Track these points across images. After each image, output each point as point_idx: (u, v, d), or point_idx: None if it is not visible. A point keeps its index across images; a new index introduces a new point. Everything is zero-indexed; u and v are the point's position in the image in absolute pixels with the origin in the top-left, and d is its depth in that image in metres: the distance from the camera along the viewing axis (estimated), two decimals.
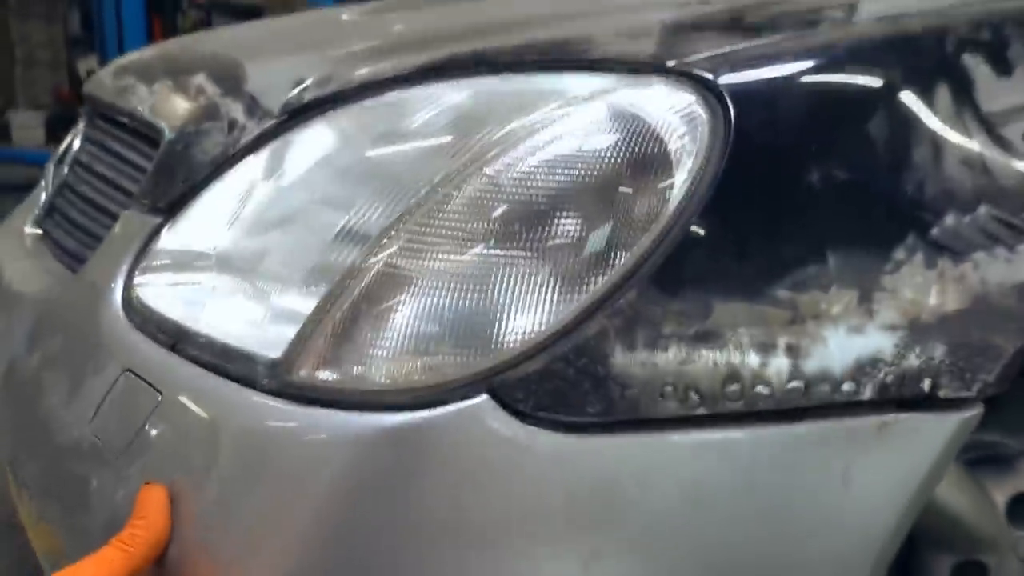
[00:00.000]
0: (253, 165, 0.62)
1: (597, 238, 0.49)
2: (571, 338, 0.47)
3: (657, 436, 0.48)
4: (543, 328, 0.48)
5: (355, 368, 0.48)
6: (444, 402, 0.47)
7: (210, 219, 0.61)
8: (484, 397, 0.46)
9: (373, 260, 0.50)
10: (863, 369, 0.51)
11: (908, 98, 0.56)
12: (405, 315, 0.49)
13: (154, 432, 0.51)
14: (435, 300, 0.49)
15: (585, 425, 0.47)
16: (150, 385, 0.53)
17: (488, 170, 0.51)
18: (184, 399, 0.52)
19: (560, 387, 0.47)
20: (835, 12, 0.64)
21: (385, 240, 0.50)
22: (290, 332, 0.50)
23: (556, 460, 0.47)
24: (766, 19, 0.65)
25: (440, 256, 0.49)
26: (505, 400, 0.47)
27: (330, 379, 0.48)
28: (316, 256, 0.53)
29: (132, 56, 1.01)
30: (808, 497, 0.51)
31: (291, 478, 0.47)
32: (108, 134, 0.85)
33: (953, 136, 0.56)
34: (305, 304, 0.51)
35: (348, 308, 0.49)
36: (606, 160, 0.50)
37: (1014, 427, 0.81)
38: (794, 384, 0.50)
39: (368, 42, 0.77)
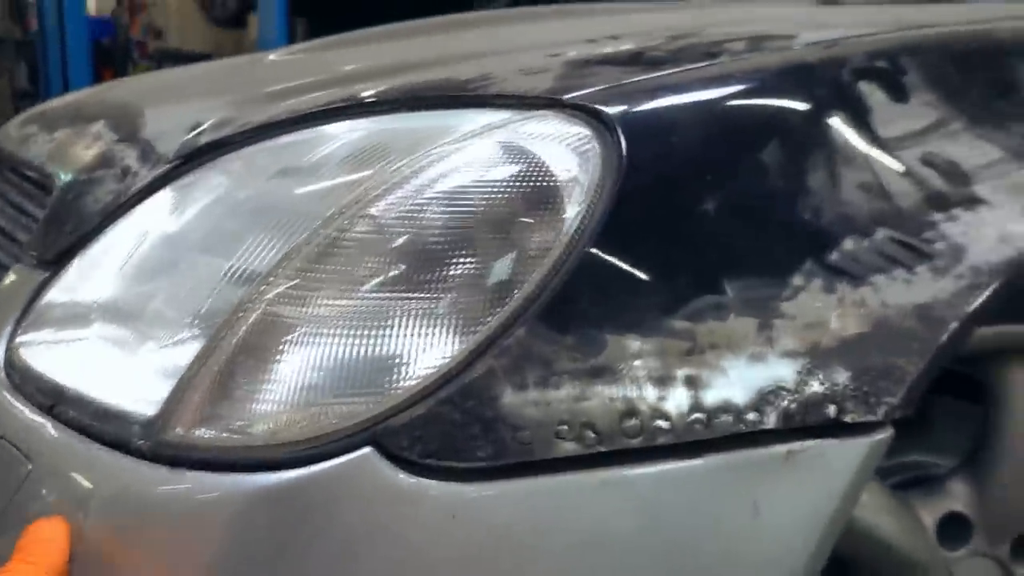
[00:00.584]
0: (143, 212, 0.60)
1: (485, 276, 0.48)
2: (458, 380, 0.45)
3: (554, 479, 0.46)
4: (429, 372, 0.46)
5: (234, 424, 0.46)
6: (326, 456, 0.44)
7: (97, 270, 0.58)
8: (368, 449, 0.44)
9: (252, 306, 0.48)
10: (766, 398, 0.50)
11: (804, 126, 0.56)
12: (286, 365, 0.46)
13: (24, 504, 0.48)
14: (317, 348, 0.47)
15: (476, 472, 0.45)
16: (21, 452, 0.49)
17: (372, 210, 0.49)
18: (55, 466, 0.49)
19: (448, 432, 0.45)
20: (736, 44, 0.64)
21: (264, 286, 0.48)
22: (168, 386, 0.48)
23: (447, 510, 0.45)
24: (666, 53, 0.65)
25: (322, 301, 0.47)
26: (390, 450, 0.44)
27: (207, 437, 0.46)
28: (200, 302, 0.50)
29: (44, 106, 0.98)
30: (717, 532, 0.49)
31: (165, 549, 0.44)
32: (11, 185, 0.82)
33: (850, 162, 0.56)
34: (184, 356, 0.49)
35: (226, 359, 0.47)
36: (494, 195, 0.49)
37: (941, 447, 0.81)
38: (695, 416, 0.48)
39: (274, 85, 0.76)
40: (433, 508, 0.45)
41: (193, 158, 0.62)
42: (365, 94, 0.62)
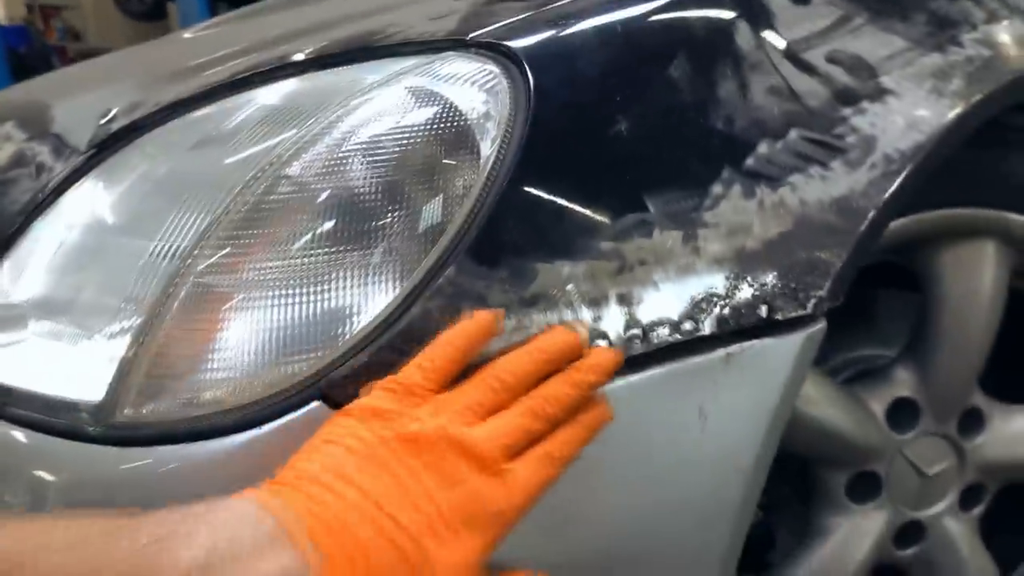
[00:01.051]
0: (64, 205, 0.59)
1: (413, 221, 0.48)
2: (396, 325, 0.46)
3: None
4: (367, 321, 0.46)
5: (181, 396, 0.46)
6: (276, 415, 0.45)
7: (25, 270, 0.58)
8: (316, 403, 0.45)
9: (182, 281, 0.48)
10: (698, 306, 0.51)
11: (708, 37, 0.57)
12: (225, 333, 0.47)
13: None
14: (254, 312, 0.47)
15: None
16: None
17: (289, 170, 0.49)
18: (17, 463, 0.49)
19: None
20: None
21: (190, 259, 0.48)
22: (111, 371, 0.48)
23: None
24: None
25: (252, 265, 0.48)
26: (339, 400, 0.45)
27: (156, 413, 0.46)
28: (129, 286, 0.50)
29: None
30: (667, 441, 0.51)
31: None
32: None
33: (757, 67, 0.57)
34: (123, 338, 0.49)
35: (164, 336, 0.47)
36: (409, 140, 0.49)
37: (886, 339, 0.84)
38: (632, 332, 0.50)
39: (183, 62, 0.74)
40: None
41: (107, 145, 0.61)
42: (271, 60, 0.61)
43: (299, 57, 0.61)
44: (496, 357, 0.45)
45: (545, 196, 0.49)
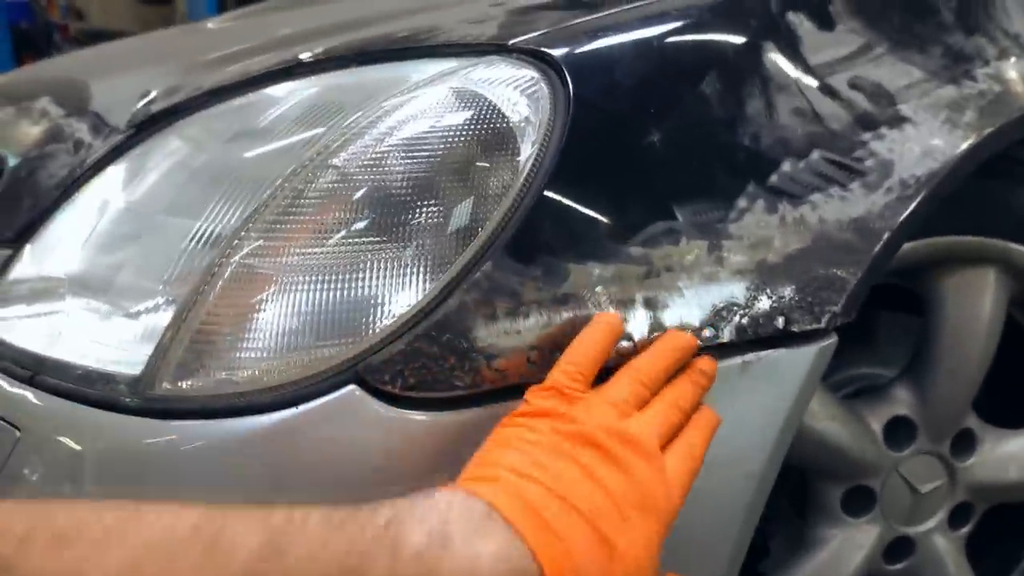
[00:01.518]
0: (102, 183, 0.60)
1: (450, 216, 0.50)
2: (432, 316, 0.48)
3: None
4: (404, 311, 0.48)
5: (218, 374, 0.47)
6: (312, 397, 0.46)
7: (62, 243, 0.59)
8: (352, 386, 0.46)
9: (227, 262, 0.49)
10: (719, 314, 0.53)
11: (739, 57, 0.59)
12: (265, 314, 0.48)
13: (18, 469, 0.49)
14: (294, 295, 0.48)
15: (456, 400, 0.48)
16: (6, 422, 0.50)
17: (335, 161, 0.51)
18: (45, 431, 0.50)
19: (426, 365, 0.47)
20: None
21: (237, 241, 0.49)
22: (149, 346, 0.49)
23: (431, 439, 0.47)
24: None
25: (295, 251, 0.49)
26: (374, 385, 0.47)
27: (194, 388, 0.47)
28: (171, 265, 0.52)
29: None
30: None
31: (164, 496, 0.46)
32: None
33: (783, 89, 0.59)
34: (163, 316, 0.50)
35: (206, 314, 0.48)
36: (451, 139, 0.51)
37: (887, 359, 0.87)
38: (656, 336, 0.52)
39: (221, 49, 0.76)
40: (417, 437, 0.47)
41: (147, 126, 0.62)
42: (311, 54, 0.63)
43: (336, 53, 0.63)
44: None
45: (580, 200, 0.51)
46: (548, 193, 0.51)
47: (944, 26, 0.70)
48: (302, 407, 0.46)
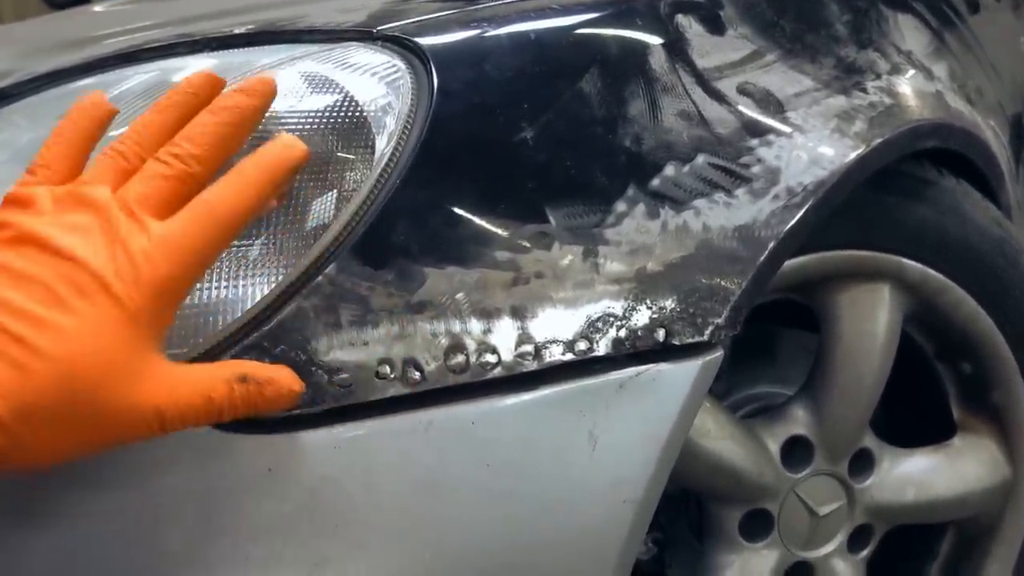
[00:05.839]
0: None
1: (293, 214, 0.45)
2: (266, 325, 0.42)
3: (377, 422, 0.44)
4: (235, 318, 0.42)
5: None
6: None
7: None
8: None
9: None
10: (595, 325, 0.49)
11: (623, 56, 0.56)
12: None
13: None
14: None
15: (292, 420, 0.42)
16: None
17: None
18: None
19: None
20: None
21: None
22: None
23: (265, 463, 0.42)
24: None
25: None
26: None
27: None
28: None
29: None
30: (555, 466, 0.49)
31: None
32: None
33: (669, 91, 0.57)
34: None
35: None
36: (296, 127, 0.46)
37: (786, 378, 0.85)
38: (524, 348, 0.47)
39: (77, 34, 0.69)
40: (248, 462, 0.41)
41: None
42: (166, 38, 0.57)
43: (193, 37, 0.57)
44: None
45: (441, 199, 0.47)
46: (405, 190, 0.46)
47: (837, 38, 0.69)
48: None
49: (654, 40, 0.58)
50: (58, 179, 0.41)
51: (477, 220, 0.47)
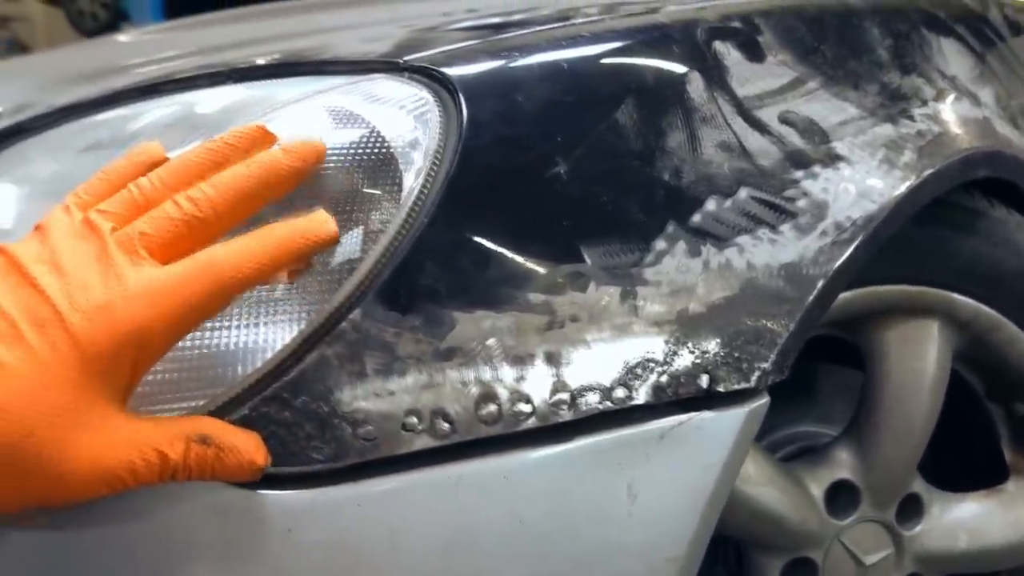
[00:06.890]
0: None
1: (317, 256, 0.42)
2: (286, 375, 0.40)
3: (405, 477, 0.41)
4: (254, 369, 0.40)
5: None
6: None
7: None
8: None
9: None
10: (634, 371, 0.46)
11: (659, 86, 0.54)
12: None
13: None
14: None
15: (313, 476, 0.39)
16: None
17: None
18: None
19: (277, 434, 0.39)
20: (588, 9, 0.61)
21: None
22: None
23: (284, 523, 0.39)
24: (517, 21, 0.61)
25: None
26: None
27: None
28: None
29: None
30: (591, 521, 0.45)
31: None
32: None
33: (708, 121, 0.54)
34: None
35: None
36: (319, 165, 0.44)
37: (829, 417, 0.81)
38: (558, 397, 0.44)
39: (97, 66, 0.68)
40: (267, 521, 0.39)
41: None
42: (188, 69, 0.56)
43: (216, 69, 0.56)
44: None
45: (471, 238, 0.44)
46: (434, 230, 0.43)
47: (880, 64, 0.66)
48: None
49: (692, 68, 0.55)
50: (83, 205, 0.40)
51: (509, 260, 0.45)
